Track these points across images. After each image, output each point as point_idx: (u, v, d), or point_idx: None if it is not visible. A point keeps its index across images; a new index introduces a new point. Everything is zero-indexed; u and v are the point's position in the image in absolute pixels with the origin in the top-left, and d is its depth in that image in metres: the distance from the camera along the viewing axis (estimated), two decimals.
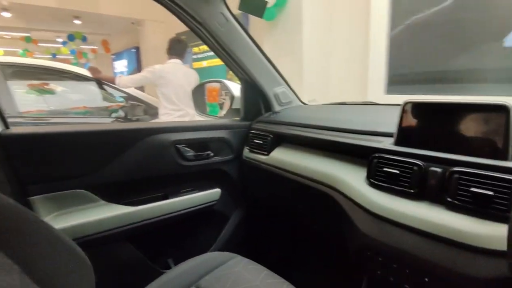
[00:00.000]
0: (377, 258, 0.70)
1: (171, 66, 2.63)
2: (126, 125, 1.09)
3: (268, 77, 1.24)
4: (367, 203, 0.70)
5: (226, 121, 1.29)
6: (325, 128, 0.96)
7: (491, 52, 2.15)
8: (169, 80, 2.55)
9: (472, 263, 0.53)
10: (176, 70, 2.62)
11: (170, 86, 2.57)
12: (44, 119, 2.75)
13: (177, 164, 1.10)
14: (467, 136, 0.62)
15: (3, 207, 0.54)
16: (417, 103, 0.69)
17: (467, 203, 0.57)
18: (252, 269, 0.84)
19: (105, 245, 0.99)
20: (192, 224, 1.22)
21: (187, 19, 1.04)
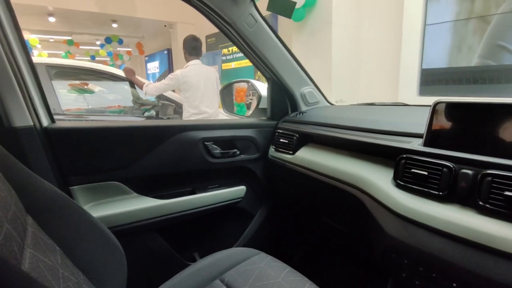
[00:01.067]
0: (403, 261, 0.69)
1: (192, 69, 2.64)
2: (158, 122, 1.14)
3: (295, 77, 1.25)
4: (394, 204, 0.69)
5: (252, 120, 1.31)
6: (351, 128, 0.95)
7: None
8: (190, 84, 2.59)
9: (504, 269, 0.51)
10: (197, 72, 2.64)
11: (192, 90, 2.61)
12: (83, 117, 2.93)
13: (205, 160, 1.13)
14: (501, 137, 0.60)
15: (48, 193, 0.59)
16: (448, 103, 0.67)
17: (500, 207, 0.54)
18: (275, 266, 0.85)
19: (136, 235, 1.04)
20: (218, 219, 1.25)
21: (216, 20, 1.07)
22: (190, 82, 2.59)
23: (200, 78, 2.63)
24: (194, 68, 2.64)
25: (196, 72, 2.63)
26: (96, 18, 6.32)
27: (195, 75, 2.61)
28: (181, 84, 2.60)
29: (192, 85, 2.60)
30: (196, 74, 2.62)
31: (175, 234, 1.16)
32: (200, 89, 2.62)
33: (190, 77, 2.59)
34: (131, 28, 7.50)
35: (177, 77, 2.57)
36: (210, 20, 1.08)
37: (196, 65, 2.67)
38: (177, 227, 1.15)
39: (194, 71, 2.63)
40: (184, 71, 2.62)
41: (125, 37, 8.07)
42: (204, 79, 2.65)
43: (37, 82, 0.88)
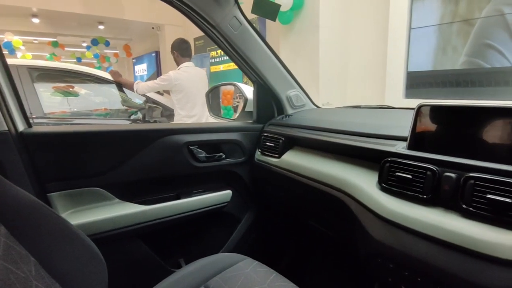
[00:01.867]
0: (389, 265, 0.68)
1: (185, 70, 2.61)
2: (140, 126, 1.12)
3: (281, 80, 1.24)
4: (378, 208, 0.69)
5: (238, 123, 1.30)
6: (337, 131, 0.95)
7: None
8: (183, 87, 2.57)
9: (487, 273, 0.51)
10: (191, 74, 2.62)
11: (183, 92, 2.58)
12: (67, 120, 2.86)
13: (189, 165, 1.11)
14: (484, 140, 0.60)
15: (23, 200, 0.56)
16: (431, 106, 0.67)
17: (483, 210, 0.54)
18: (261, 272, 0.84)
19: (118, 242, 1.01)
20: (203, 224, 1.23)
21: (200, 22, 1.05)
22: (183, 84, 2.56)
23: (193, 80, 2.61)
24: (188, 70, 2.62)
25: (190, 74, 2.61)
26: (82, 20, 6.21)
27: (188, 77, 2.59)
28: (173, 86, 2.57)
29: (185, 87, 2.57)
30: (190, 76, 2.60)
31: (159, 240, 1.13)
32: (193, 91, 2.60)
33: (183, 79, 2.57)
34: (118, 30, 7.41)
35: (170, 79, 2.54)
36: (193, 22, 1.07)
37: (189, 67, 2.65)
38: (161, 233, 1.12)
39: (187, 73, 2.61)
40: (177, 72, 2.59)
41: (112, 39, 7.96)
42: (197, 81, 2.63)
43: (12, 85, 0.85)
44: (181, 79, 2.55)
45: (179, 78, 2.55)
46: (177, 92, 2.59)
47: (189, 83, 2.58)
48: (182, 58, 2.64)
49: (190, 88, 2.59)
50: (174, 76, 2.55)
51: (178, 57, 2.65)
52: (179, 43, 2.65)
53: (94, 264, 0.64)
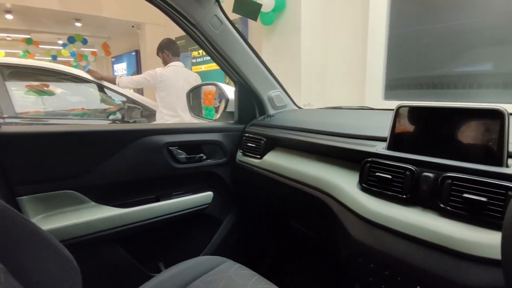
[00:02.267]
0: (369, 265, 0.68)
1: (173, 69, 2.59)
2: (117, 126, 1.08)
3: (262, 81, 1.24)
4: (359, 208, 0.69)
5: (219, 124, 1.28)
6: (318, 132, 0.95)
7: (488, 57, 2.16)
8: (168, 84, 2.53)
9: (465, 271, 0.52)
10: (178, 74, 2.59)
11: (168, 90, 2.55)
12: (42, 120, 2.75)
13: (169, 166, 1.08)
14: (461, 141, 0.61)
15: None
16: (410, 107, 0.68)
17: (460, 209, 0.55)
18: (243, 274, 0.83)
19: (93, 247, 0.97)
20: (184, 227, 1.20)
21: (180, 20, 1.03)
22: (169, 82, 2.53)
23: (179, 79, 2.58)
24: (175, 69, 2.60)
25: (176, 73, 2.58)
26: (58, 16, 5.99)
27: (174, 75, 2.57)
28: (157, 83, 2.53)
29: (170, 85, 2.54)
30: (176, 74, 2.57)
31: (138, 244, 1.09)
32: (177, 90, 2.56)
33: (169, 77, 2.54)
34: (96, 28, 7.19)
35: (155, 75, 2.51)
36: (173, 20, 1.04)
37: (177, 66, 2.63)
38: (140, 237, 1.09)
39: (174, 72, 2.58)
40: (164, 70, 2.58)
41: (90, 37, 7.72)
42: (183, 80, 2.59)
43: None
44: (167, 76, 2.53)
45: (165, 75, 2.53)
46: (160, 89, 2.56)
47: (174, 81, 2.55)
48: (172, 57, 2.64)
49: (175, 87, 2.56)
50: (160, 72, 2.53)
51: (168, 57, 2.63)
52: (170, 43, 2.64)
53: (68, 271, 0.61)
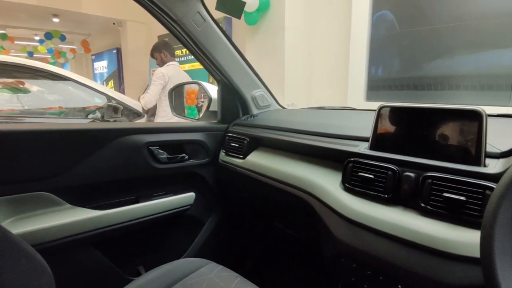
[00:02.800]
0: (352, 265, 0.68)
1: (174, 68, 2.66)
2: (95, 125, 1.04)
3: (246, 80, 1.22)
4: (341, 208, 0.69)
5: (202, 123, 1.26)
6: (302, 132, 0.95)
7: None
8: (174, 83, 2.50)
9: (445, 269, 0.52)
10: (178, 72, 2.67)
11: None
12: (17, 119, 2.63)
13: (149, 166, 1.05)
14: (441, 141, 0.62)
15: None
16: (391, 108, 0.69)
17: (440, 209, 0.56)
18: (225, 276, 0.81)
19: (68, 252, 0.93)
20: (165, 229, 1.17)
21: (161, 16, 1.00)
22: (173, 80, 2.57)
23: (180, 77, 2.64)
24: (175, 68, 2.68)
25: (177, 71, 2.67)
26: (34, 11, 5.77)
27: (176, 73, 2.64)
28: (167, 82, 2.58)
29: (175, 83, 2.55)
30: (177, 73, 2.66)
31: (116, 247, 1.06)
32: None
33: (173, 75, 2.61)
34: (75, 24, 6.97)
35: (163, 75, 2.56)
36: (154, 16, 1.01)
37: (175, 65, 2.70)
38: (118, 240, 1.05)
39: (175, 70, 2.66)
40: (166, 69, 2.63)
41: (69, 33, 7.48)
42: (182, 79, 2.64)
43: None
44: (172, 74, 2.60)
45: (170, 73, 2.60)
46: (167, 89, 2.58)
47: (178, 79, 2.59)
48: (170, 57, 2.72)
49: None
50: (165, 71, 2.60)
51: (167, 57, 2.71)
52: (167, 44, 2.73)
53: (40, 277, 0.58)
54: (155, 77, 2.59)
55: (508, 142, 0.58)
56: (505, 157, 0.57)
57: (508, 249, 0.37)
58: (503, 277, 0.35)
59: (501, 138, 0.61)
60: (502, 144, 0.58)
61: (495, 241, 0.37)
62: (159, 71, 2.59)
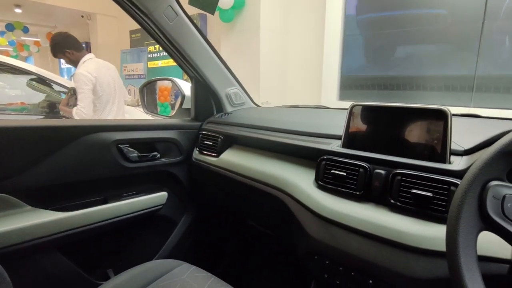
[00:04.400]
0: (325, 262, 0.69)
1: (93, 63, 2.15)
2: (59, 122, 0.98)
3: (220, 77, 1.20)
4: (315, 205, 0.70)
5: (175, 121, 1.22)
6: (276, 130, 0.95)
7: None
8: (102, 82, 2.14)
9: (413, 264, 0.54)
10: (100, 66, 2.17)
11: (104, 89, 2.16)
12: None
13: (118, 165, 1.01)
14: (410, 139, 0.64)
15: None
16: (363, 107, 0.70)
17: (409, 205, 0.58)
18: (199, 277, 0.80)
19: (29, 257, 0.87)
20: (136, 230, 1.13)
21: (131, 10, 0.96)
22: (102, 77, 2.11)
23: (108, 72, 2.19)
24: (97, 63, 2.16)
25: (99, 65, 2.16)
26: None
27: (101, 68, 2.15)
28: (95, 83, 2.08)
29: (103, 82, 2.13)
30: (100, 67, 2.16)
31: (83, 250, 1.01)
32: (111, 88, 2.20)
33: (99, 71, 2.11)
34: (39, 16, 6.60)
35: (88, 78, 2.03)
36: (123, 8, 0.97)
37: (94, 59, 2.18)
38: (85, 242, 1.00)
39: (96, 64, 2.14)
40: (85, 67, 2.09)
41: (33, 25, 7.07)
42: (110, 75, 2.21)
43: None
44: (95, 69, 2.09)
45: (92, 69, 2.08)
46: (97, 91, 2.12)
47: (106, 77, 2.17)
48: (79, 53, 2.17)
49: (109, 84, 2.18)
50: (85, 71, 2.06)
51: (74, 55, 2.15)
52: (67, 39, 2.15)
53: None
54: (79, 84, 2.03)
55: (471, 140, 0.61)
56: (468, 154, 0.59)
57: (472, 243, 0.38)
58: (467, 270, 0.37)
59: (464, 136, 0.64)
60: (466, 142, 0.61)
61: (459, 235, 0.38)
62: (79, 74, 2.03)
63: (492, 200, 0.38)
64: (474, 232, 0.38)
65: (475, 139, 0.60)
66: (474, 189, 0.39)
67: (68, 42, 2.12)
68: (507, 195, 0.38)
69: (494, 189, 0.39)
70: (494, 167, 0.40)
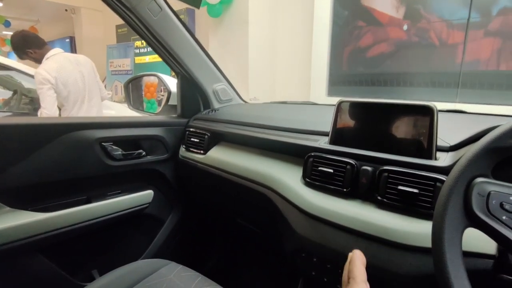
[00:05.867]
0: (312, 259, 0.69)
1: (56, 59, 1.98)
2: (39, 119, 0.95)
3: (207, 73, 1.18)
4: (302, 202, 0.69)
5: (161, 117, 1.20)
6: (263, 126, 0.93)
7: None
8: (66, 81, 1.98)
9: (401, 260, 0.54)
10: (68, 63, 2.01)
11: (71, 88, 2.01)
12: None
13: (102, 164, 0.98)
14: (396, 135, 0.63)
15: None
16: (350, 103, 0.70)
17: (395, 201, 0.58)
18: (186, 276, 0.79)
19: (9, 260, 0.84)
20: (121, 230, 1.11)
21: (114, 4, 0.93)
22: (65, 78, 1.96)
23: (75, 70, 2.02)
24: (61, 59, 1.98)
25: (64, 63, 1.98)
26: None
27: (65, 67, 1.97)
28: (55, 82, 1.91)
29: (68, 82, 1.98)
30: (65, 65, 1.98)
31: (66, 251, 0.98)
32: (80, 85, 2.05)
33: (61, 68, 1.94)
34: (21, 9, 6.40)
35: (45, 77, 1.88)
36: (105, 2, 0.94)
37: (59, 55, 2.01)
38: (68, 243, 0.97)
39: (62, 62, 1.97)
40: (46, 66, 1.94)
41: (15, 19, 6.86)
42: (79, 71, 2.05)
43: None
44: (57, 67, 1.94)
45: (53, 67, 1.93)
46: (61, 91, 1.97)
47: (73, 74, 2.01)
48: (42, 50, 2.02)
49: (76, 82, 2.03)
50: (45, 70, 1.90)
51: (36, 53, 2.02)
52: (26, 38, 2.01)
53: None
54: (37, 83, 1.89)
55: (456, 136, 0.61)
56: (454, 150, 0.59)
57: (457, 240, 0.38)
58: (453, 267, 0.36)
59: (450, 132, 0.64)
60: (451, 138, 0.61)
61: (445, 233, 0.38)
62: (36, 73, 1.90)
63: (477, 197, 0.38)
64: (460, 229, 0.38)
65: (461, 135, 0.60)
66: (459, 186, 0.39)
67: (27, 42, 1.98)
68: (492, 192, 0.37)
69: (479, 186, 0.38)
70: (479, 164, 0.39)
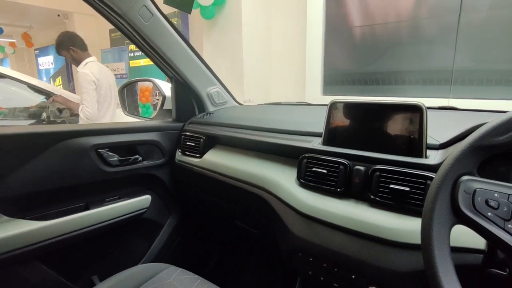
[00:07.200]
0: (308, 258, 0.70)
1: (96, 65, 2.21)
2: (35, 128, 0.95)
3: (200, 77, 1.19)
4: (297, 203, 0.70)
5: (156, 122, 1.20)
6: (257, 129, 0.94)
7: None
8: (101, 84, 2.20)
9: (394, 258, 0.55)
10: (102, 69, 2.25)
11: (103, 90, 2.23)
12: None
13: (99, 170, 0.99)
14: (387, 134, 0.65)
15: None
16: (342, 103, 0.71)
17: (387, 200, 0.59)
18: (185, 279, 0.80)
19: (7, 268, 0.84)
20: (120, 235, 1.11)
21: (105, 11, 0.93)
22: (102, 81, 2.19)
23: (107, 77, 2.26)
24: (98, 66, 2.22)
25: (101, 69, 2.23)
26: None
27: (102, 72, 2.22)
28: (98, 88, 2.16)
29: (103, 85, 2.20)
30: (102, 70, 2.23)
31: (65, 259, 0.98)
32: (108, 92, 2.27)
33: (100, 74, 2.18)
34: (13, 16, 6.35)
35: (91, 77, 2.10)
36: (96, 10, 0.94)
37: (96, 62, 2.24)
38: (68, 250, 0.98)
39: (99, 67, 2.21)
40: (89, 68, 2.16)
41: (7, 25, 6.81)
42: (110, 79, 2.29)
43: None
44: (97, 72, 2.16)
45: (95, 70, 2.15)
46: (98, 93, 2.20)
47: (105, 80, 2.23)
48: (83, 53, 2.23)
49: (108, 86, 2.27)
50: (89, 70, 2.12)
51: (78, 53, 2.22)
52: (72, 38, 2.21)
53: None
54: (84, 83, 2.11)
55: (446, 134, 0.62)
56: (444, 148, 0.60)
57: (445, 237, 0.39)
58: (441, 264, 0.38)
59: (440, 130, 0.65)
60: (441, 136, 0.62)
61: (433, 230, 0.39)
62: (83, 73, 2.11)
63: (463, 194, 0.39)
64: (447, 226, 0.39)
65: (451, 133, 0.61)
66: (447, 184, 0.40)
67: (73, 40, 2.20)
68: (478, 189, 0.39)
69: (465, 184, 0.39)
70: (464, 162, 0.40)
